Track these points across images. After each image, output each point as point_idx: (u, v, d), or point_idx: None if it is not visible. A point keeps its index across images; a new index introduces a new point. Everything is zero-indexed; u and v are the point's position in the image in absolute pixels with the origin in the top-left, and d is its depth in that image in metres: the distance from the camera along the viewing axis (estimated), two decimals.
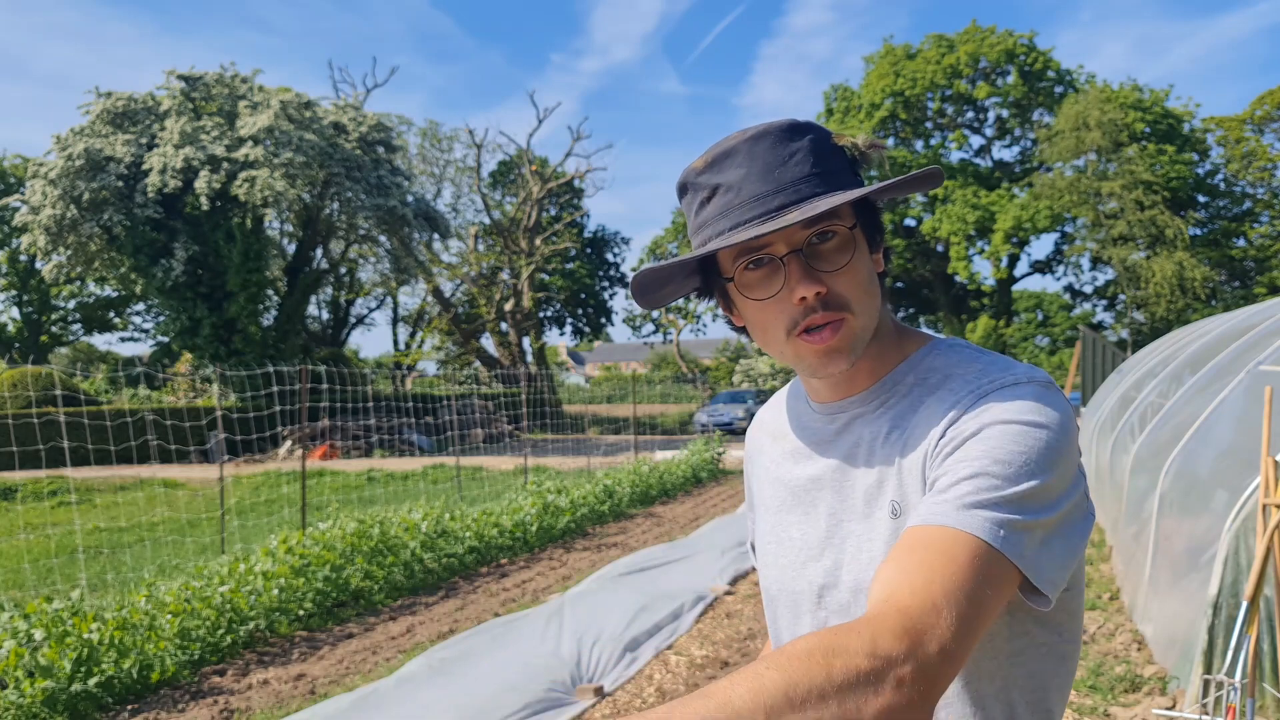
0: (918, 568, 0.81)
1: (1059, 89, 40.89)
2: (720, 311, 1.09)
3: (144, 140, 21.99)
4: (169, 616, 5.24)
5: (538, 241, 35.55)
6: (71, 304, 43.51)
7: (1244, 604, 3.15)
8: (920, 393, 1.01)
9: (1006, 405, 0.91)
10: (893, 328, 1.07)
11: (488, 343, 36.95)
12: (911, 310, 46.31)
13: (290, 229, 28.67)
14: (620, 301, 48.15)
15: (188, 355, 25.45)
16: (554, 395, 34.01)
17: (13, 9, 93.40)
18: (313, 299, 33.41)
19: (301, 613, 6.08)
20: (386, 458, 21.00)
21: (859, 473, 1.02)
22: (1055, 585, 0.87)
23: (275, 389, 11.20)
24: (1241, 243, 39.42)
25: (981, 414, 0.91)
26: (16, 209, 24.31)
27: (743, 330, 1.07)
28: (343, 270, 35.26)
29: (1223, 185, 39.60)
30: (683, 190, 1.02)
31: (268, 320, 24.63)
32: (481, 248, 37.18)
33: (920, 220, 41.28)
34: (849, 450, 1.04)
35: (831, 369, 0.98)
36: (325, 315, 39.13)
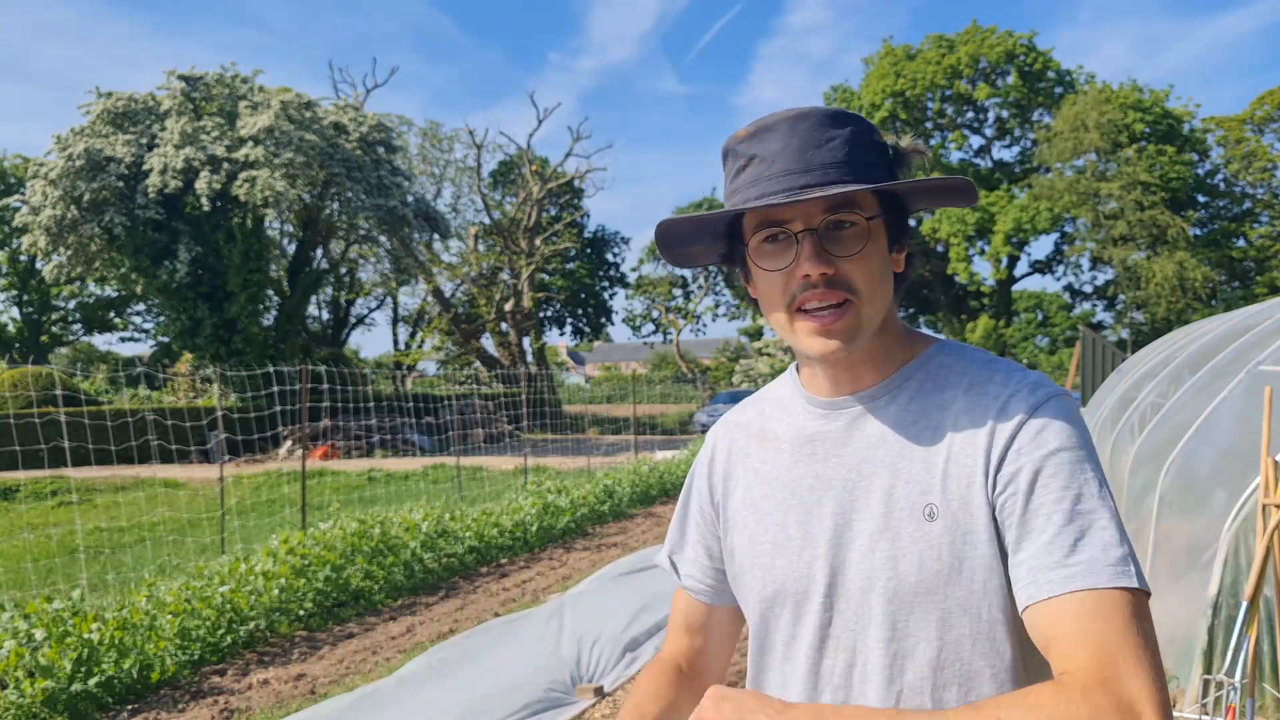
0: (1100, 637, 0.86)
1: (1059, 89, 40.90)
2: (720, 311, 1.10)
3: (144, 140, 21.97)
4: (169, 616, 5.24)
5: (538, 241, 35.55)
6: (72, 304, 43.54)
7: (1244, 604, 3.15)
8: (938, 389, 1.03)
9: (1054, 431, 0.95)
10: (901, 329, 1.08)
11: (488, 343, 36.94)
12: (911, 310, 46.33)
13: (290, 229, 28.64)
14: (620, 301, 48.30)
15: (188, 355, 25.45)
16: (554, 395, 33.96)
17: (8, 7, 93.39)
18: (313, 299, 33.39)
19: (302, 613, 6.08)
20: (387, 458, 20.99)
21: (878, 470, 1.02)
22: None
23: (275, 389, 11.22)
24: (1241, 243, 39.44)
25: (1038, 442, 0.95)
26: (17, 209, 24.29)
27: (755, 304, 1.09)
28: (343, 270, 35.24)
29: (1223, 185, 39.63)
30: (725, 155, 1.05)
31: (268, 320, 24.63)
32: (481, 248, 37.17)
33: (920, 220, 41.30)
34: (864, 448, 1.04)
35: (828, 351, 0.99)
36: (325, 315, 39.11)
